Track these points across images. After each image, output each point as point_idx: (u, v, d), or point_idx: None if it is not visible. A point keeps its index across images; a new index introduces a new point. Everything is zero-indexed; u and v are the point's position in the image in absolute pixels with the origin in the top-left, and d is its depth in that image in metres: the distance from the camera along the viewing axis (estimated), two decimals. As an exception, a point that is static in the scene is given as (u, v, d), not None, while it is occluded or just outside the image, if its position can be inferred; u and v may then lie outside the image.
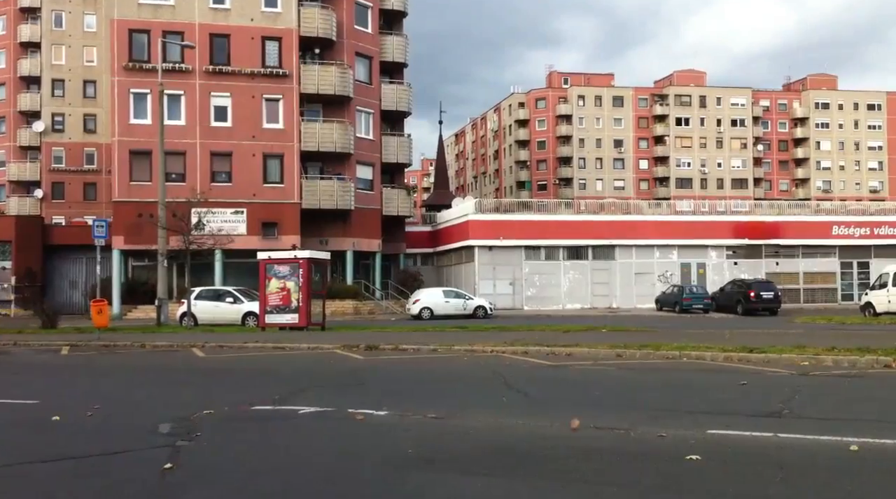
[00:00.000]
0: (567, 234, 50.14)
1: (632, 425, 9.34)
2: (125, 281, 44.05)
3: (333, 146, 44.94)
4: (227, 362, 18.66)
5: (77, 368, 18.42)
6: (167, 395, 13.46)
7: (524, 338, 22.17)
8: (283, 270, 28.00)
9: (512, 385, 13.37)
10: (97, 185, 65.31)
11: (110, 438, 9.47)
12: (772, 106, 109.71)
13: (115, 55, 43.07)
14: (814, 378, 13.83)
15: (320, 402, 11.68)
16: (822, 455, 7.86)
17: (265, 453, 8.34)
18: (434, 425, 9.70)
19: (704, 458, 7.62)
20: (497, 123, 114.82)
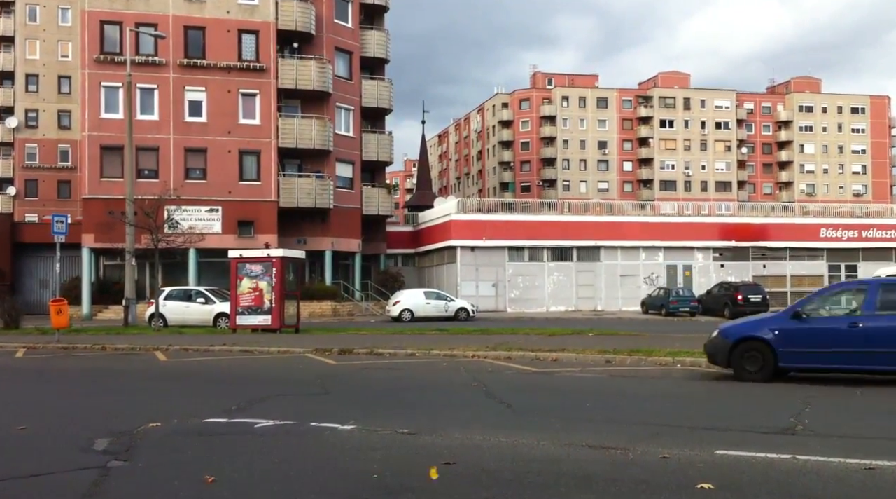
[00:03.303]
0: (551, 235, 49.15)
1: (630, 444, 8.24)
2: (96, 280, 42.71)
3: (312, 143, 43.75)
4: (189, 367, 17.46)
5: (27, 373, 17.18)
6: (116, 404, 12.29)
7: (507, 342, 21.09)
8: (256, 269, 26.76)
9: (494, 395, 12.25)
10: (71, 182, 63.71)
11: (35, 456, 8.29)
12: (756, 109, 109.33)
13: (86, 47, 41.70)
14: (821, 388, 12.79)
15: (281, 413, 10.55)
16: (854, 484, 6.77)
17: (202, 478, 7.17)
18: (405, 442, 8.56)
19: (717, 486, 6.52)
20: (481, 124, 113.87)
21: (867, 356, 13.22)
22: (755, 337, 13.83)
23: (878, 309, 13.33)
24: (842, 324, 13.49)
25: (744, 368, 13.82)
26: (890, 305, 13.40)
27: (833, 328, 13.53)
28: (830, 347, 13.41)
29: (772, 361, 13.66)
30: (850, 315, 13.68)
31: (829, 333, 13.49)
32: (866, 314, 13.31)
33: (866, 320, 13.22)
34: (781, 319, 14.15)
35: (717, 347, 14.34)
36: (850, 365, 13.51)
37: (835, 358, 13.49)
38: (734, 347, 13.92)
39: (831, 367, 13.72)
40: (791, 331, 13.68)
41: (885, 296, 13.48)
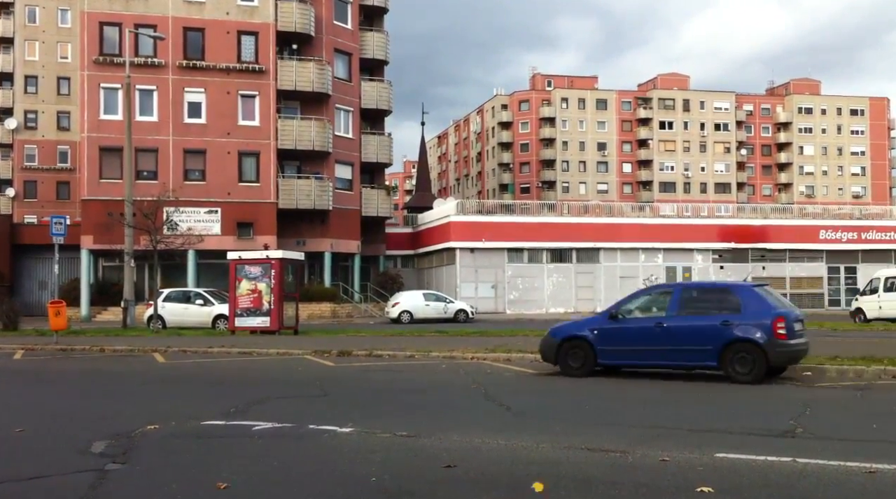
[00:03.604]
0: (550, 236, 49.12)
1: (629, 446, 8.20)
2: (95, 282, 42.68)
3: (311, 145, 43.72)
4: (187, 369, 17.42)
5: (25, 374, 17.14)
6: (114, 406, 12.26)
7: (507, 343, 21.04)
8: (255, 270, 26.73)
9: (493, 397, 12.22)
10: (70, 184, 63.58)
11: (32, 459, 8.25)
12: (755, 110, 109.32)
13: (86, 49, 41.68)
14: (821, 391, 12.76)
15: (280, 416, 10.52)
16: (854, 487, 6.73)
17: (200, 481, 7.14)
18: (403, 445, 8.52)
19: (718, 490, 6.48)
20: (480, 126, 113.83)
21: (671, 353, 14.40)
22: (578, 336, 15.06)
23: (680, 310, 14.58)
24: (650, 324, 14.65)
25: (568, 364, 14.97)
26: (690, 307, 14.74)
27: (643, 328, 14.73)
28: (641, 345, 14.64)
29: (592, 359, 14.82)
30: (656, 316, 14.78)
31: (639, 332, 14.73)
32: (670, 315, 14.48)
33: (670, 321, 14.37)
34: (600, 319, 15.44)
35: (547, 345, 15.49)
36: (657, 361, 14.77)
37: (645, 355, 14.78)
38: (560, 345, 15.11)
39: (642, 363, 15.03)
40: (608, 331, 14.90)
41: (686, 298, 14.88)
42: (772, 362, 13.77)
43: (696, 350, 14.12)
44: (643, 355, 14.79)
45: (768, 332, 13.63)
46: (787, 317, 13.94)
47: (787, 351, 13.86)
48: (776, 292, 15.70)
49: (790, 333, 13.82)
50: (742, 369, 13.70)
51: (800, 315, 14.75)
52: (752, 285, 15.34)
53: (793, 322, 14.04)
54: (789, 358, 14.15)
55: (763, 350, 13.59)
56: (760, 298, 14.27)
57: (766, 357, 13.61)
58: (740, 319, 13.91)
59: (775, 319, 13.71)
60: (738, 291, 14.71)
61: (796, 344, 14.04)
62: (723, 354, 13.81)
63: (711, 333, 13.97)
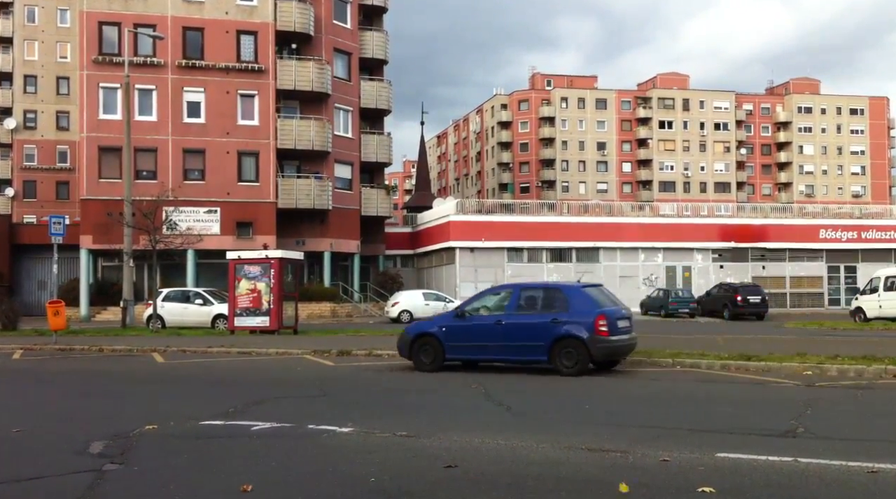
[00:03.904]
0: (550, 236, 49.05)
1: (629, 446, 8.16)
2: (94, 282, 42.62)
3: (311, 144, 43.64)
4: (186, 369, 17.38)
5: (24, 374, 17.09)
6: (112, 406, 12.24)
7: (506, 343, 20.94)
8: (254, 270, 26.68)
9: (492, 397, 12.19)
10: (70, 183, 63.52)
11: (30, 459, 8.22)
12: (755, 110, 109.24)
13: (85, 48, 41.59)
14: (822, 390, 12.71)
15: (279, 416, 10.49)
16: (856, 487, 6.69)
17: (199, 481, 7.11)
18: (403, 445, 8.48)
19: (719, 491, 6.44)
20: (479, 125, 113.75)
21: (509, 349, 15.51)
22: (429, 333, 16.07)
23: (517, 309, 15.71)
24: (491, 321, 15.70)
25: (420, 359, 15.99)
26: (526, 306, 15.84)
27: (484, 325, 15.75)
28: (483, 341, 15.67)
29: (441, 354, 15.85)
30: (497, 314, 15.79)
31: (481, 329, 15.73)
32: (509, 313, 15.59)
33: (508, 318, 15.48)
34: (449, 317, 16.52)
35: (402, 342, 16.53)
36: (498, 356, 15.85)
37: (486, 351, 15.80)
38: (413, 342, 16.15)
39: (483, 358, 16.05)
40: (454, 328, 15.94)
41: (523, 298, 15.98)
42: (594, 356, 14.86)
43: (529, 346, 15.21)
44: (485, 351, 15.78)
45: (591, 329, 14.72)
46: (609, 315, 15.00)
47: (608, 346, 14.96)
48: (608, 293, 16.78)
49: (612, 329, 14.92)
50: (568, 363, 14.82)
51: (625, 314, 15.81)
52: (580, 286, 16.24)
53: (615, 320, 15.12)
54: (611, 353, 15.24)
55: (586, 345, 14.70)
56: (586, 298, 15.37)
57: (588, 352, 14.73)
58: (567, 317, 14.99)
59: (597, 317, 14.78)
60: (567, 291, 15.83)
61: (618, 340, 15.14)
62: (552, 349, 14.93)
63: (542, 331, 15.06)
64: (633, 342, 15.92)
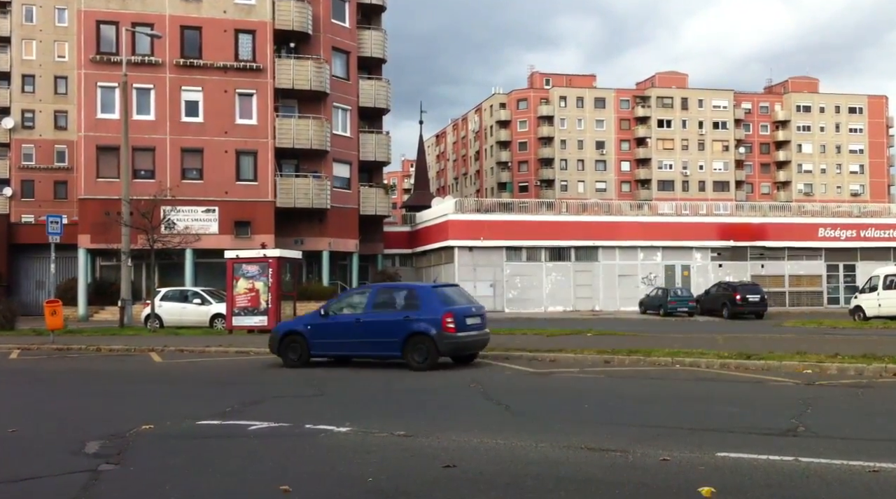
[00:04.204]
0: (549, 235, 48.97)
1: (629, 446, 8.11)
2: (92, 281, 42.52)
3: (309, 143, 43.53)
4: (184, 369, 17.32)
5: (21, 374, 17.03)
6: (109, 405, 12.20)
7: (505, 342, 20.88)
8: (252, 269, 26.62)
9: (491, 396, 12.12)
10: (68, 183, 63.44)
11: (25, 460, 8.16)
12: (754, 108, 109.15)
13: (82, 47, 41.47)
14: (822, 389, 12.65)
15: (276, 415, 10.44)
16: (858, 487, 6.64)
17: (196, 481, 7.05)
18: (401, 445, 8.43)
19: (719, 490, 6.39)
20: (478, 124, 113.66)
21: (366, 345, 16.56)
22: (295, 331, 16.98)
23: (375, 308, 16.73)
24: (351, 319, 16.69)
25: (288, 356, 16.85)
26: (383, 305, 16.86)
27: (345, 323, 16.70)
28: (344, 338, 16.65)
29: (307, 351, 16.76)
30: (357, 313, 16.79)
31: (342, 327, 16.68)
32: (367, 312, 16.62)
33: (366, 317, 16.51)
34: (314, 316, 17.34)
35: (272, 340, 17.41)
36: (357, 352, 16.91)
37: (346, 347, 16.83)
38: (281, 340, 17.02)
39: (344, 354, 17.04)
40: (319, 326, 16.88)
41: (380, 298, 17.07)
42: (441, 351, 15.86)
43: (385, 342, 16.20)
44: (346, 347, 16.83)
45: (438, 325, 15.71)
46: (457, 313, 16.00)
47: (455, 342, 15.96)
48: (464, 292, 18.05)
49: (459, 326, 15.93)
50: (418, 358, 15.84)
51: (475, 311, 16.80)
52: (431, 286, 17.68)
53: (464, 318, 16.15)
54: (458, 348, 16.23)
55: (434, 341, 15.72)
56: (436, 298, 16.41)
57: (436, 347, 15.75)
58: (418, 315, 16.02)
59: (445, 315, 15.76)
60: (419, 291, 16.99)
61: (465, 336, 16.15)
62: (405, 345, 15.95)
63: (396, 328, 16.09)
64: (483, 338, 16.92)
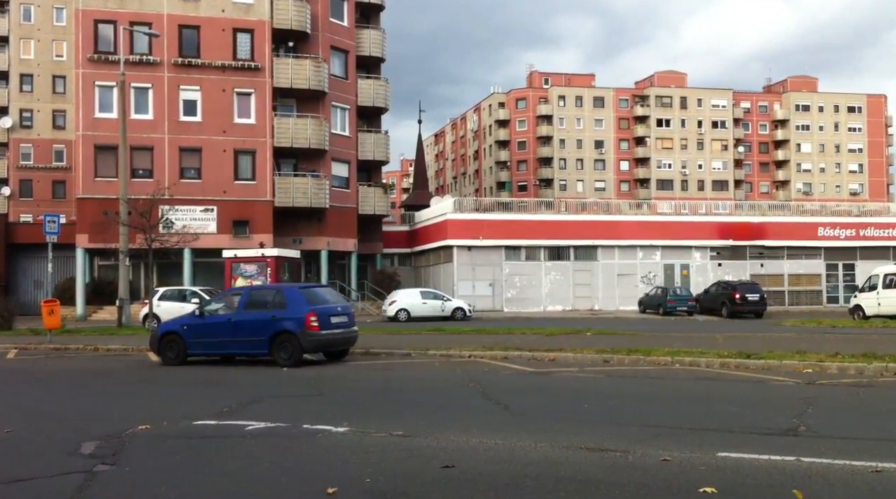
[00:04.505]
0: (548, 234, 48.89)
1: (629, 446, 8.04)
2: (90, 281, 42.43)
3: (308, 142, 43.44)
4: (181, 368, 17.21)
5: (17, 374, 16.96)
6: (106, 406, 12.12)
7: (504, 342, 20.88)
8: (250, 269, 26.62)
9: (490, 396, 12.05)
10: (66, 183, 63.34)
11: (20, 460, 8.09)
12: (752, 108, 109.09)
13: (80, 47, 41.38)
14: (823, 388, 12.59)
15: (273, 415, 10.37)
16: (861, 487, 6.57)
17: (192, 482, 6.98)
18: (399, 445, 8.36)
19: (721, 490, 6.33)
20: (477, 123, 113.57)
21: (237, 343, 17.38)
22: (173, 331, 17.73)
23: (246, 308, 17.49)
24: (223, 320, 17.46)
25: (167, 355, 17.57)
26: (253, 305, 17.60)
27: (218, 323, 17.45)
28: (217, 337, 17.44)
29: (184, 350, 17.48)
30: (229, 313, 17.56)
31: (215, 327, 17.45)
32: (238, 312, 17.41)
33: (236, 316, 17.31)
34: (191, 317, 18.15)
35: (153, 339, 18.29)
36: (230, 350, 17.69)
37: (219, 346, 17.60)
38: (161, 339, 17.85)
39: (218, 353, 17.79)
40: (194, 326, 17.62)
41: (251, 298, 17.96)
42: (305, 348, 16.73)
43: (254, 341, 17.00)
44: (220, 346, 17.61)
45: (302, 324, 16.57)
46: (321, 312, 16.85)
47: (318, 339, 16.86)
48: (332, 292, 19.05)
49: (323, 325, 16.81)
50: (284, 355, 16.66)
51: (342, 311, 17.74)
52: (297, 287, 18.65)
53: (328, 316, 17.01)
54: (322, 345, 17.16)
55: (298, 339, 16.56)
56: (301, 298, 17.22)
57: (300, 345, 16.59)
58: (284, 314, 16.83)
59: (308, 314, 16.61)
60: (286, 292, 17.73)
61: (329, 334, 17.07)
62: (272, 343, 16.78)
63: (263, 327, 16.89)
64: (350, 335, 17.96)
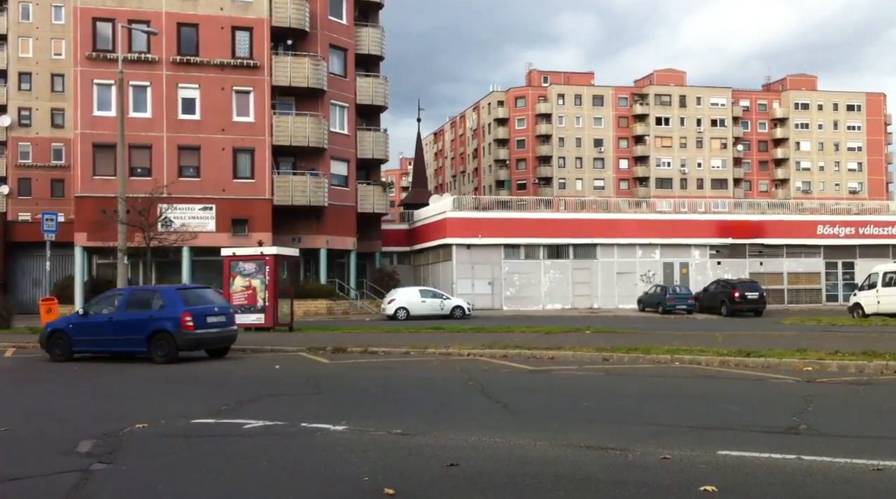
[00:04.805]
0: (547, 232, 48.86)
1: (629, 444, 8.00)
2: (89, 279, 42.32)
3: (306, 141, 43.36)
4: (179, 366, 17.17)
5: (15, 373, 16.93)
6: (103, 404, 12.08)
7: (503, 340, 20.83)
8: (249, 267, 26.51)
9: (489, 394, 12.01)
10: (65, 181, 63.21)
11: (16, 459, 8.05)
12: (752, 106, 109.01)
13: (79, 45, 41.28)
14: (823, 386, 12.55)
15: (272, 414, 10.31)
16: (863, 486, 6.53)
17: (189, 480, 6.93)
18: (398, 443, 8.31)
19: (721, 489, 6.28)
20: (476, 122, 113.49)
21: (117, 341, 18.24)
22: (61, 329, 18.52)
23: (126, 308, 18.33)
24: (105, 319, 18.30)
25: (55, 352, 18.35)
26: (134, 305, 18.44)
27: (100, 322, 18.29)
28: (99, 336, 18.30)
29: (69, 347, 18.27)
30: (111, 312, 18.38)
31: (97, 325, 18.27)
32: (119, 311, 18.28)
33: (117, 316, 18.18)
34: (76, 316, 19.03)
35: (42, 337, 19.12)
36: (110, 348, 18.51)
37: (101, 344, 18.46)
38: (49, 337, 18.56)
39: (100, 350, 18.62)
40: (79, 325, 18.51)
41: (132, 299, 18.79)
42: (180, 347, 17.60)
43: (133, 339, 17.90)
44: (101, 344, 18.45)
45: (177, 324, 17.50)
46: (196, 313, 17.79)
47: (193, 338, 17.78)
48: (211, 293, 19.90)
49: (198, 324, 17.71)
50: (160, 353, 17.63)
51: (219, 311, 18.60)
52: (175, 288, 19.67)
53: (204, 316, 17.92)
54: (196, 344, 18.04)
55: (173, 337, 17.50)
56: (178, 298, 18.17)
57: (175, 343, 17.52)
58: (161, 314, 17.76)
59: (183, 314, 17.55)
60: (163, 293, 18.72)
61: (205, 333, 17.96)
62: (149, 341, 17.71)
63: (142, 326, 17.78)
64: (228, 334, 18.81)
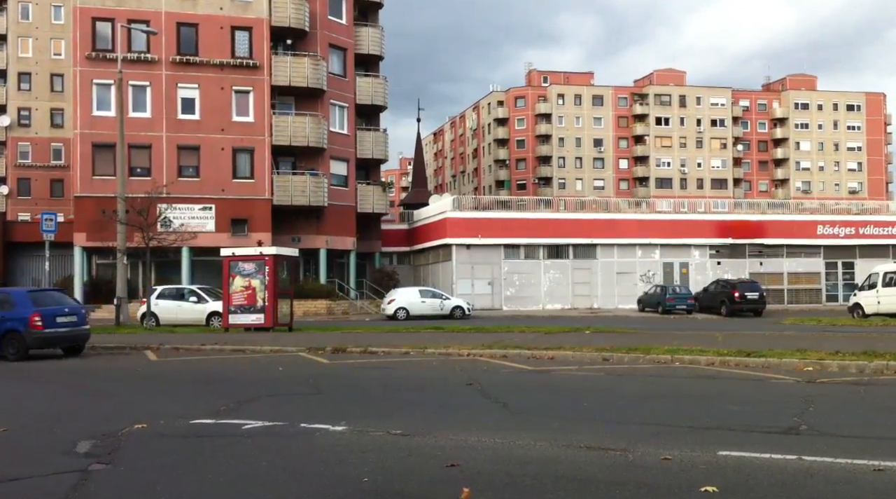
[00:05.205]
0: (547, 232, 48.83)
1: (629, 444, 7.98)
2: (88, 279, 42.31)
3: (306, 141, 43.34)
4: (179, 367, 17.18)
5: (13, 373, 16.87)
6: (103, 404, 12.06)
7: (503, 340, 20.80)
8: (248, 267, 26.45)
9: (489, 394, 11.99)
10: (64, 181, 63.18)
11: (14, 459, 8.03)
12: (751, 106, 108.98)
13: (78, 45, 41.25)
14: (823, 386, 12.53)
15: (271, 414, 10.29)
16: (864, 486, 6.50)
17: (188, 481, 6.90)
18: (397, 444, 8.29)
19: (722, 489, 6.26)
20: (476, 122, 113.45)
21: None
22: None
23: None
24: None
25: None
26: None
27: None
28: None
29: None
30: None
31: None
32: None
33: None
34: None
35: None
36: None
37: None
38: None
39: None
40: None
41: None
42: (30, 345, 18.88)
43: None
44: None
45: (26, 324, 18.74)
46: (46, 313, 19.02)
47: (42, 337, 19.01)
48: (61, 295, 21.07)
49: (47, 324, 18.94)
50: (12, 350, 18.82)
51: (69, 311, 19.71)
52: (25, 290, 21.42)
53: (53, 317, 19.13)
54: (46, 343, 19.29)
55: (23, 337, 18.81)
56: (28, 300, 19.47)
57: (24, 342, 18.85)
58: (11, 315, 18.93)
59: (32, 315, 18.78)
60: (14, 295, 20.15)
61: (54, 332, 19.18)
62: (1, 340, 18.85)
63: None
64: (78, 333, 19.85)
